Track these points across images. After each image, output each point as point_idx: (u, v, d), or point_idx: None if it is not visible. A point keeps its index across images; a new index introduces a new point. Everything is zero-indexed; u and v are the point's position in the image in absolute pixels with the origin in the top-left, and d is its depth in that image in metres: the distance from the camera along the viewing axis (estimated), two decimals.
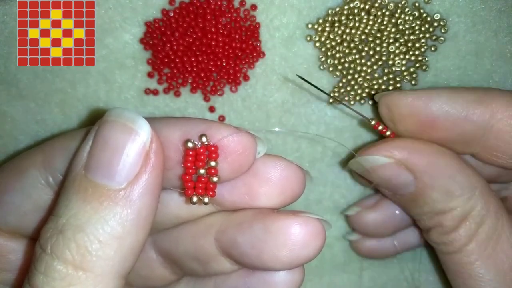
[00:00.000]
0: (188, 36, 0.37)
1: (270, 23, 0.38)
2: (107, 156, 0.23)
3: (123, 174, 0.23)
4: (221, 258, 0.30)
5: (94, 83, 0.38)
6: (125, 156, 0.23)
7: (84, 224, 0.22)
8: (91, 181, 0.23)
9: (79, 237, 0.22)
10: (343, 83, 0.39)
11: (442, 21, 0.38)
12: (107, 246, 0.22)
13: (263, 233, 0.27)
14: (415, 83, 0.39)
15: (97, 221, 0.22)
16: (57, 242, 0.22)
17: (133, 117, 0.24)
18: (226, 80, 0.39)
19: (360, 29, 0.37)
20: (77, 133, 0.28)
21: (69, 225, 0.22)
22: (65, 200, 0.24)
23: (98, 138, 0.24)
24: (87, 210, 0.23)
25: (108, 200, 0.23)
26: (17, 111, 0.39)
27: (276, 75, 0.39)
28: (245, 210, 0.29)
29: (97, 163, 0.24)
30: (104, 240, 0.22)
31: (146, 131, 0.24)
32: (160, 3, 0.37)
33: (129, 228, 0.23)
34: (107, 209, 0.23)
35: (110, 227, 0.23)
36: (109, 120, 0.24)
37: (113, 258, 0.23)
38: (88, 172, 0.24)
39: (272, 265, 0.28)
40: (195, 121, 0.27)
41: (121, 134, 0.24)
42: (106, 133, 0.24)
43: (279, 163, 0.29)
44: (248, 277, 0.31)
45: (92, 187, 0.23)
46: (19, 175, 0.29)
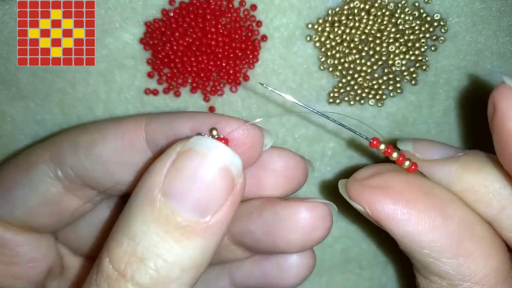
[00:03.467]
0: (188, 36, 0.37)
1: (270, 23, 0.38)
2: (195, 189, 0.22)
3: (209, 210, 0.23)
4: (232, 247, 0.32)
5: (94, 83, 0.38)
6: (214, 191, 0.23)
7: (166, 255, 0.22)
8: (174, 212, 0.22)
9: (162, 267, 0.22)
10: (343, 83, 0.39)
11: (442, 21, 0.37)
12: (187, 274, 0.23)
13: (274, 220, 0.29)
14: (415, 83, 0.39)
15: (179, 252, 0.22)
16: (139, 270, 0.22)
17: (224, 151, 0.23)
18: (226, 80, 0.39)
19: (360, 29, 0.37)
20: (85, 127, 0.29)
21: (149, 253, 0.22)
22: (141, 225, 0.22)
23: (184, 167, 0.23)
24: (168, 241, 0.22)
25: (192, 233, 0.22)
26: (17, 111, 0.39)
27: (276, 75, 0.39)
28: (252, 200, 0.31)
29: (181, 195, 0.22)
30: (186, 269, 0.23)
31: (238, 166, 0.23)
32: (160, 3, 0.37)
33: (207, 256, 0.23)
34: (190, 241, 0.22)
35: (192, 258, 0.23)
36: (198, 150, 0.23)
37: (189, 284, 0.23)
38: (169, 201, 0.22)
39: (286, 249, 0.30)
40: (205, 115, 0.28)
41: (211, 168, 0.22)
42: (195, 164, 0.22)
43: (284, 154, 0.30)
44: (262, 263, 0.32)
45: (175, 219, 0.22)
46: (27, 170, 0.29)
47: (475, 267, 0.25)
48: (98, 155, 0.28)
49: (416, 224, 0.25)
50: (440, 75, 0.39)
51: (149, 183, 0.23)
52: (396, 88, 0.39)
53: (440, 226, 0.25)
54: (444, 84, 0.39)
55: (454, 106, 0.39)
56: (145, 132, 0.28)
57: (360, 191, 0.27)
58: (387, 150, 0.27)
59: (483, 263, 0.25)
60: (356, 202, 0.27)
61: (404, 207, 0.25)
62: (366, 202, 0.26)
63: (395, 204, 0.25)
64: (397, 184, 0.26)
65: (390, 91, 0.39)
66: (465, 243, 0.25)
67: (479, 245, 0.25)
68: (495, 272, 0.25)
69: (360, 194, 0.26)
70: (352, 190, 0.27)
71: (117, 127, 0.29)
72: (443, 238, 0.25)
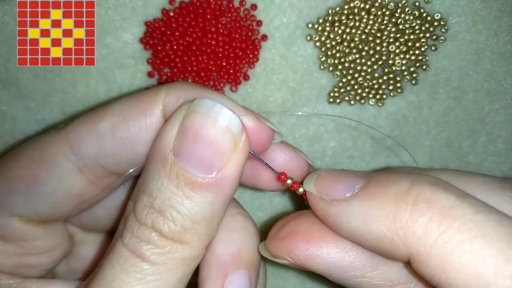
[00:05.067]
0: (188, 35, 0.37)
1: (270, 23, 0.38)
2: (199, 148, 0.25)
3: (214, 166, 0.25)
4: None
5: (94, 83, 0.38)
6: (216, 149, 0.25)
7: (179, 207, 0.25)
8: (182, 169, 0.25)
9: (177, 218, 0.25)
10: (343, 82, 0.39)
11: (442, 21, 0.37)
12: (200, 226, 0.26)
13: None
14: (415, 82, 0.39)
15: (190, 205, 0.25)
16: (158, 220, 0.25)
17: (223, 111, 0.25)
18: (226, 80, 0.39)
19: (360, 28, 0.37)
20: (101, 113, 0.28)
21: (165, 206, 0.25)
22: (156, 181, 0.25)
23: (189, 128, 0.25)
24: (180, 195, 0.25)
25: (200, 187, 0.25)
26: (17, 111, 0.39)
27: (276, 75, 0.39)
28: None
29: (188, 153, 0.25)
30: (197, 221, 0.25)
31: (237, 125, 0.26)
32: (160, 3, 0.37)
33: (217, 211, 0.26)
34: (198, 195, 0.25)
35: (202, 211, 0.25)
36: (200, 111, 0.25)
37: (204, 234, 0.26)
38: (178, 160, 0.25)
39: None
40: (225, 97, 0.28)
41: (212, 128, 0.25)
42: (198, 125, 0.25)
43: (287, 153, 0.32)
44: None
45: (184, 175, 0.25)
46: (46, 165, 0.28)
47: (396, 269, 0.27)
48: (124, 138, 0.28)
49: (331, 253, 0.27)
50: (440, 75, 0.39)
51: (161, 144, 0.26)
52: (396, 87, 0.39)
53: (352, 247, 0.27)
54: (444, 83, 0.39)
55: (454, 106, 0.39)
56: (164, 103, 0.28)
57: (277, 247, 0.28)
58: (293, 185, 0.30)
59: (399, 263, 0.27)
60: (278, 258, 0.28)
61: (315, 243, 0.27)
62: (286, 253, 0.28)
63: (308, 245, 0.27)
64: (302, 226, 0.28)
65: (391, 90, 0.39)
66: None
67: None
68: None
69: (279, 249, 0.28)
70: (271, 248, 0.28)
71: (136, 104, 0.28)
72: (359, 256, 0.27)
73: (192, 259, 0.26)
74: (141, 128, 0.28)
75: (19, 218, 0.29)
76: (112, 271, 0.25)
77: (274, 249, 0.28)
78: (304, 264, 0.27)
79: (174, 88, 0.28)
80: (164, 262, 0.25)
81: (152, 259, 0.25)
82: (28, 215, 0.29)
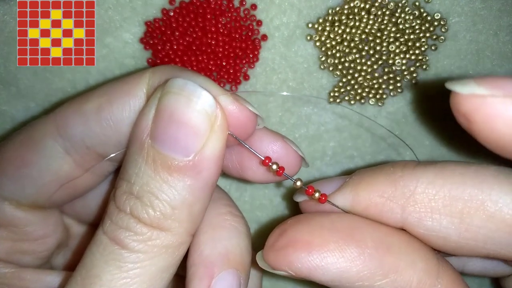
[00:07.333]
0: (188, 35, 0.37)
1: (270, 23, 0.38)
2: (173, 129, 0.24)
3: (190, 148, 0.24)
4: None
5: (94, 82, 0.38)
6: (191, 130, 0.24)
7: (157, 192, 0.24)
8: (159, 153, 0.24)
9: (155, 203, 0.24)
10: (343, 82, 0.39)
11: (442, 20, 0.37)
12: (180, 212, 0.25)
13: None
14: (416, 82, 0.39)
15: (168, 190, 0.24)
16: (136, 206, 0.24)
17: (196, 90, 0.24)
18: (226, 80, 0.39)
19: (361, 28, 0.37)
20: (89, 95, 0.28)
21: (143, 192, 0.24)
22: (134, 167, 0.25)
23: (163, 110, 0.24)
24: (158, 180, 0.24)
25: (177, 171, 0.24)
26: (17, 110, 0.39)
27: (276, 75, 0.39)
28: None
29: (163, 136, 0.24)
30: (176, 206, 0.24)
31: (211, 104, 0.25)
32: (160, 3, 0.37)
33: (198, 195, 0.25)
34: (176, 180, 0.24)
35: (181, 196, 0.24)
36: (173, 92, 0.25)
37: (186, 221, 0.25)
38: (155, 143, 0.24)
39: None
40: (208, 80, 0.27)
41: (186, 108, 0.24)
42: (171, 106, 0.24)
43: (277, 143, 0.31)
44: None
45: (161, 159, 0.24)
46: (34, 147, 0.29)
47: (407, 277, 0.25)
48: (109, 118, 0.27)
49: (336, 263, 0.25)
50: (440, 75, 0.39)
51: (139, 128, 0.25)
52: (397, 87, 0.39)
53: (358, 255, 0.25)
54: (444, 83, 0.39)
55: None
56: (148, 85, 0.28)
57: (276, 258, 0.26)
58: (278, 171, 0.28)
59: (412, 270, 0.25)
60: (278, 269, 0.26)
61: (318, 253, 0.25)
62: (286, 265, 0.26)
63: (310, 255, 0.25)
64: (301, 234, 0.26)
65: (391, 90, 0.39)
66: (387, 259, 0.25)
67: (400, 255, 0.25)
68: (426, 273, 0.25)
69: (278, 261, 0.26)
70: (269, 260, 0.26)
71: (121, 85, 0.28)
72: (367, 264, 0.25)
73: (175, 247, 0.25)
74: (125, 109, 0.27)
75: (9, 202, 0.29)
76: (91, 258, 0.25)
77: (272, 261, 0.26)
78: (307, 276, 0.26)
79: (158, 70, 0.27)
80: (144, 250, 0.24)
81: (131, 246, 0.24)
82: (17, 198, 0.29)
